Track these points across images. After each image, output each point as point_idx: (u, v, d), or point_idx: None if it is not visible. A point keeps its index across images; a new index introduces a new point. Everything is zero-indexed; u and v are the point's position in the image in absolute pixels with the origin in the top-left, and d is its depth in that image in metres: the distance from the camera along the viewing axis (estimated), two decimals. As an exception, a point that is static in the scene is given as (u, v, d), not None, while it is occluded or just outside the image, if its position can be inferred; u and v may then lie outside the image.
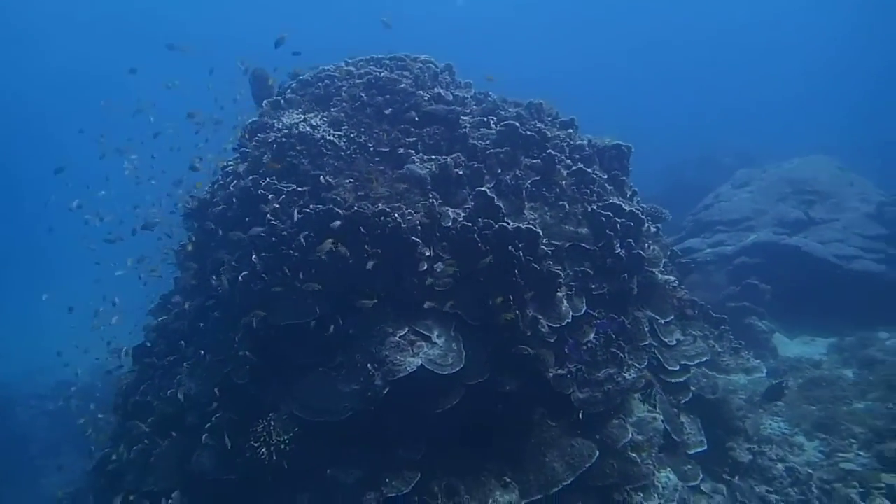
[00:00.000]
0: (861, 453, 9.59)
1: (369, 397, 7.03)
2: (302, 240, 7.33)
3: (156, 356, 8.66)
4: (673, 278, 10.14)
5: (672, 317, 9.56)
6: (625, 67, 60.44)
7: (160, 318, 9.10)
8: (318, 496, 7.03)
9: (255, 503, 7.15)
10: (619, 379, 8.07)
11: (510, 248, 7.37)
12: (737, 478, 8.76)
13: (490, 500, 7.29)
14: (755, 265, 17.89)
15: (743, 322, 15.87)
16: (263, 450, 6.96)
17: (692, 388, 9.55)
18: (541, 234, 7.75)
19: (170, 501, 7.24)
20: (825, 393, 11.82)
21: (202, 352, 7.89)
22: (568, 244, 8.58)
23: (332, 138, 8.47)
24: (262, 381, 7.42)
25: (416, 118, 9.08)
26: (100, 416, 10.33)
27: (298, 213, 7.54)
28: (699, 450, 8.60)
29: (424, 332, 7.41)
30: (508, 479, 7.52)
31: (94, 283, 15.21)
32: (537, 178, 8.94)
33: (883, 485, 8.63)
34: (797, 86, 52.49)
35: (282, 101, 9.53)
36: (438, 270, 7.59)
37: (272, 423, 7.11)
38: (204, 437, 7.26)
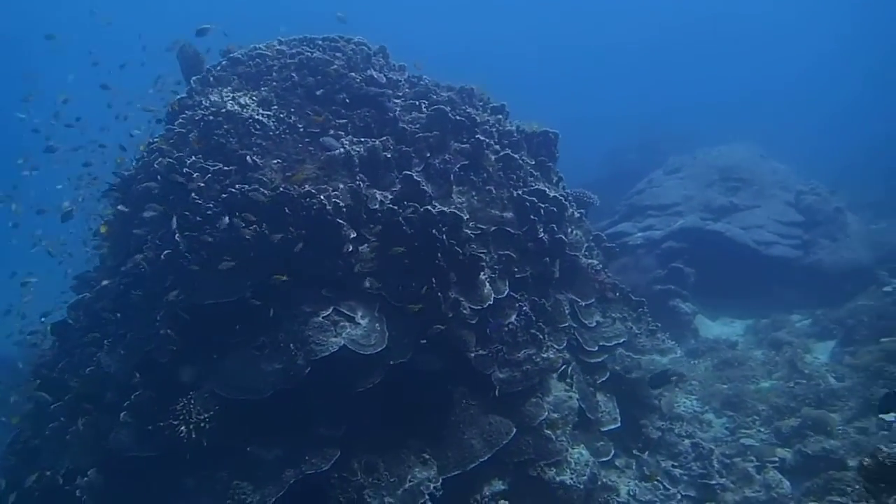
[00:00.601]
0: (762, 429, 10.19)
1: (291, 376, 7.07)
2: (226, 220, 7.27)
3: (75, 333, 8.48)
4: (596, 262, 10.43)
5: (593, 299, 9.87)
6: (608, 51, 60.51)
7: (81, 295, 8.89)
8: (238, 473, 7.05)
9: (174, 480, 7.12)
10: (538, 359, 8.31)
11: (434, 231, 7.47)
12: (646, 453, 9.17)
13: (408, 477, 7.45)
14: (681, 249, 18.41)
15: (668, 304, 16.43)
16: (183, 427, 6.93)
17: (616, 368, 9.93)
18: (465, 218, 7.87)
19: (86, 479, 7.16)
20: (736, 372, 12.43)
21: (123, 330, 7.77)
22: (493, 228, 8.73)
23: (260, 118, 8.38)
24: (184, 360, 7.36)
25: (347, 100, 9.05)
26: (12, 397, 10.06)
27: (223, 192, 7.46)
28: (612, 427, 8.96)
29: (348, 313, 7.47)
30: (427, 456, 7.69)
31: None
32: (466, 162, 9.04)
33: (777, 458, 9.20)
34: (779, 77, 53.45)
35: (211, 79, 9.35)
36: (363, 252, 7.66)
37: (192, 401, 7.08)
38: (123, 414, 7.18)
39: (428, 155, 8.80)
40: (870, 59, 47.74)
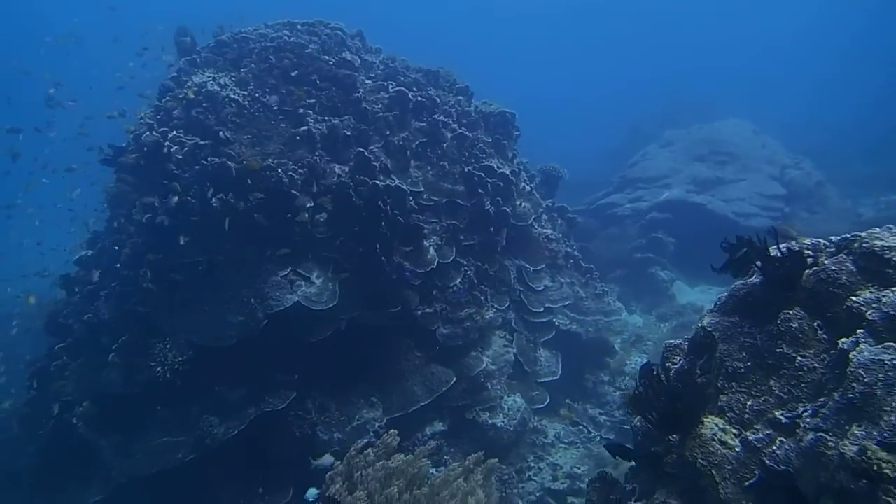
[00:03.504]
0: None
1: (251, 327, 7.84)
2: (199, 188, 8.00)
3: (78, 285, 9.38)
4: (549, 231, 10.97)
5: (543, 265, 10.45)
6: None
7: (85, 252, 9.77)
8: (207, 409, 7.90)
9: (154, 414, 8.00)
10: (478, 318, 8.97)
11: (379, 203, 8.11)
12: (578, 403, 9.83)
13: (357, 416, 8.25)
14: (664, 220, 18.66)
15: (647, 272, 16.87)
16: (159, 369, 7.78)
17: (567, 328, 10.51)
18: (408, 191, 8.48)
19: (81, 409, 8.08)
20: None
21: (115, 283, 8.62)
22: (445, 200, 9.34)
23: (236, 97, 9.03)
24: (163, 310, 8.17)
25: (318, 81, 9.62)
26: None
27: (196, 164, 8.17)
28: (550, 379, 9.61)
29: (304, 273, 8.19)
30: (375, 400, 8.47)
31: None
32: (424, 139, 9.61)
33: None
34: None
35: (198, 60, 10.00)
36: (320, 219, 8.35)
37: (168, 346, 7.93)
38: (111, 356, 8.05)
39: (388, 133, 9.38)
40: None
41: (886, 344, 2.99)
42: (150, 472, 7.40)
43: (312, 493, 5.85)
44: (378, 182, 8.19)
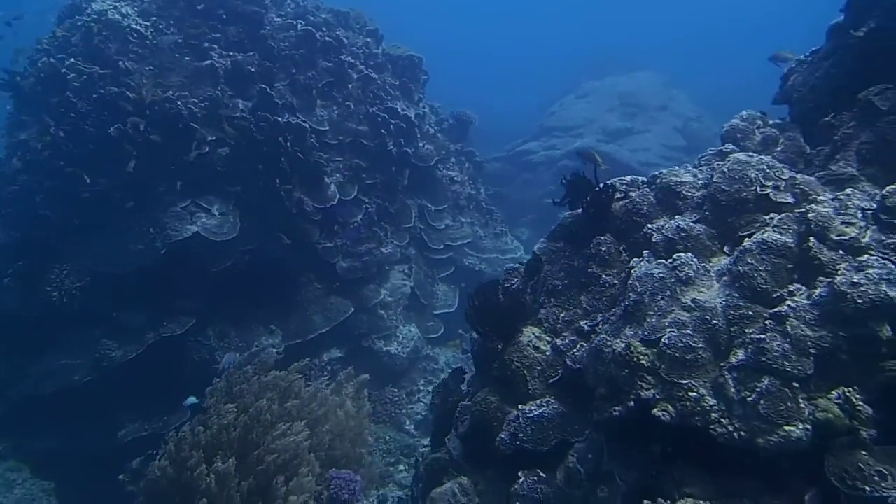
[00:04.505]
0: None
1: (150, 256, 7.94)
2: (96, 117, 7.91)
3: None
4: (454, 173, 11.33)
5: (445, 206, 10.83)
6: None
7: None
8: (106, 334, 7.99)
9: (53, 337, 8.03)
10: (377, 252, 9.32)
11: (280, 139, 8.23)
12: (470, 333, 10.37)
13: (256, 342, 8.53)
14: (575, 167, 19.16)
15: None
16: (55, 294, 7.81)
17: (469, 264, 10.97)
18: (309, 129, 8.61)
19: (-21, 331, 8.05)
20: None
21: (10, 209, 8.48)
22: (349, 139, 9.52)
23: (138, 27, 8.84)
24: (60, 237, 8.12)
25: (224, 16, 9.49)
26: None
27: (95, 93, 8.05)
28: (446, 311, 10.12)
29: (204, 205, 8.28)
30: (274, 328, 8.76)
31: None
32: (331, 80, 9.69)
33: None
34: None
35: (102, -14, 9.66)
36: (222, 153, 8.41)
37: (66, 272, 7.94)
38: (6, 280, 8.00)
39: (294, 71, 9.41)
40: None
41: (658, 261, 3.48)
42: (47, 392, 7.51)
43: (191, 400, 6.15)
44: (279, 119, 8.29)
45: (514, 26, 55.88)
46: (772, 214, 3.49)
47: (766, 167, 3.67)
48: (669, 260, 3.45)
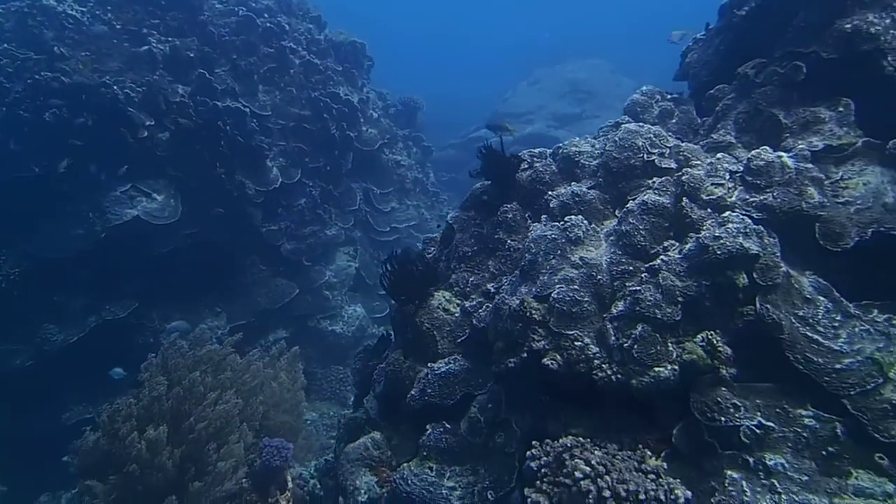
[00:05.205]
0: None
1: (91, 240, 7.90)
2: (31, 102, 7.81)
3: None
4: (400, 157, 11.46)
5: (391, 189, 10.97)
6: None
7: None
8: (48, 317, 7.93)
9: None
10: (322, 235, 9.42)
11: (219, 123, 8.25)
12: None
13: (201, 324, 8.57)
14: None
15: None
16: (-6, 279, 7.74)
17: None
18: (249, 112, 8.65)
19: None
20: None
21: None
22: (292, 124, 9.57)
23: (74, 13, 8.72)
24: (-1, 223, 8.02)
25: (163, 2, 9.41)
26: None
27: (29, 79, 7.94)
28: (391, 292, 10.25)
29: (145, 190, 8.26)
30: (220, 310, 8.81)
31: None
32: (273, 65, 9.71)
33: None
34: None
35: (37, -28, 9.47)
36: (162, 138, 8.38)
37: (3, 257, 7.85)
38: (-57, 268, 7.87)
39: (235, 57, 9.39)
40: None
41: (552, 224, 3.69)
42: (-12, 377, 7.45)
43: (117, 371, 6.19)
44: (218, 103, 8.30)
45: (476, 16, 56.13)
46: (655, 179, 3.73)
47: (653, 136, 3.91)
48: (561, 222, 3.66)
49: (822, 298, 3.24)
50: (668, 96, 4.79)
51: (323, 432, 8.06)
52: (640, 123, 4.09)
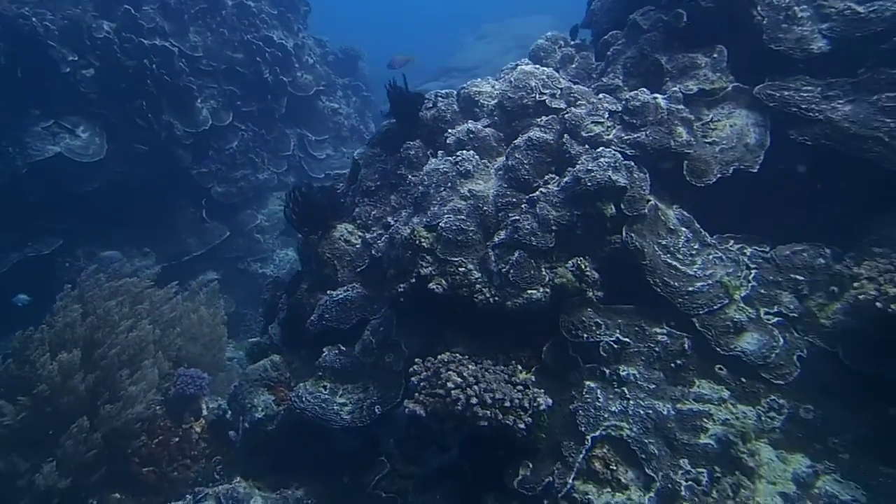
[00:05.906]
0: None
1: (11, 175, 7.65)
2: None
3: None
4: (337, 105, 11.33)
5: (326, 136, 10.87)
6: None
7: None
8: (-33, 255, 7.73)
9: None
10: (253, 178, 9.34)
11: (145, 61, 8.01)
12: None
13: (129, 264, 8.46)
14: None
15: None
16: None
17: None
18: (177, 52, 8.41)
19: None
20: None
21: None
22: (224, 66, 9.34)
23: (-11, -61, 8.25)
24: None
25: (87, -67, 8.97)
26: None
27: (-60, 7, 7.53)
28: (325, 238, 10.29)
29: (68, 126, 8.00)
30: (148, 250, 8.69)
31: None
32: (205, 6, 9.40)
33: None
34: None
35: None
36: (87, 75, 8.10)
37: (-82, 192, 7.56)
38: None
39: (163, -6, 9.06)
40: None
41: (445, 158, 3.80)
42: None
43: (22, 298, 6.14)
44: (144, 40, 8.04)
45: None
46: (543, 118, 3.87)
47: (545, 77, 4.04)
48: (453, 157, 3.78)
49: (683, 229, 3.47)
50: (572, 42, 4.91)
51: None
52: (536, 66, 4.20)
